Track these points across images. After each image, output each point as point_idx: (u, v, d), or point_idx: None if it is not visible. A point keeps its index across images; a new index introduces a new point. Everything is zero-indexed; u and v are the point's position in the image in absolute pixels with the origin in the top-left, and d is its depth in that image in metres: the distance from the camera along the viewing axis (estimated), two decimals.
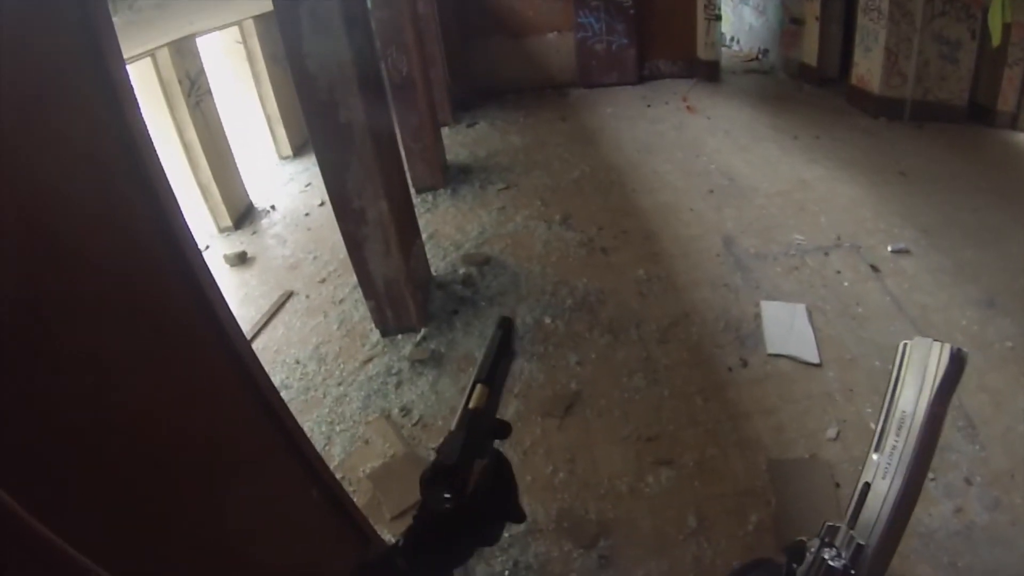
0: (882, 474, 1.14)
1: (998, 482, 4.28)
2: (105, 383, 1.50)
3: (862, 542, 1.10)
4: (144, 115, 1.84)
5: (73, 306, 1.46)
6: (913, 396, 1.16)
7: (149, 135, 1.84)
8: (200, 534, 1.75)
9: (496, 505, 1.09)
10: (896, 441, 1.15)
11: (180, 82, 8.34)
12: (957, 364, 1.16)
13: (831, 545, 1.12)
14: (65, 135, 1.57)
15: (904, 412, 1.16)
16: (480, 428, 1.07)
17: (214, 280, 2.09)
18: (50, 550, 1.14)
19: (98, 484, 1.41)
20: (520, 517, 1.13)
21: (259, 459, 2.25)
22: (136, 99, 1.82)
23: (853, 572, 1.09)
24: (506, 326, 1.16)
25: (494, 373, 1.11)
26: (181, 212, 1.94)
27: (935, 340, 1.19)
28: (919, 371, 1.18)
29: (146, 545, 1.52)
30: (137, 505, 1.52)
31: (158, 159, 1.88)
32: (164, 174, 1.88)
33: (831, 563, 1.10)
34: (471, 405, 1.06)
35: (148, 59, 7.85)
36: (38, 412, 1.26)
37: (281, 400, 2.48)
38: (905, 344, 1.19)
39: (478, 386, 1.07)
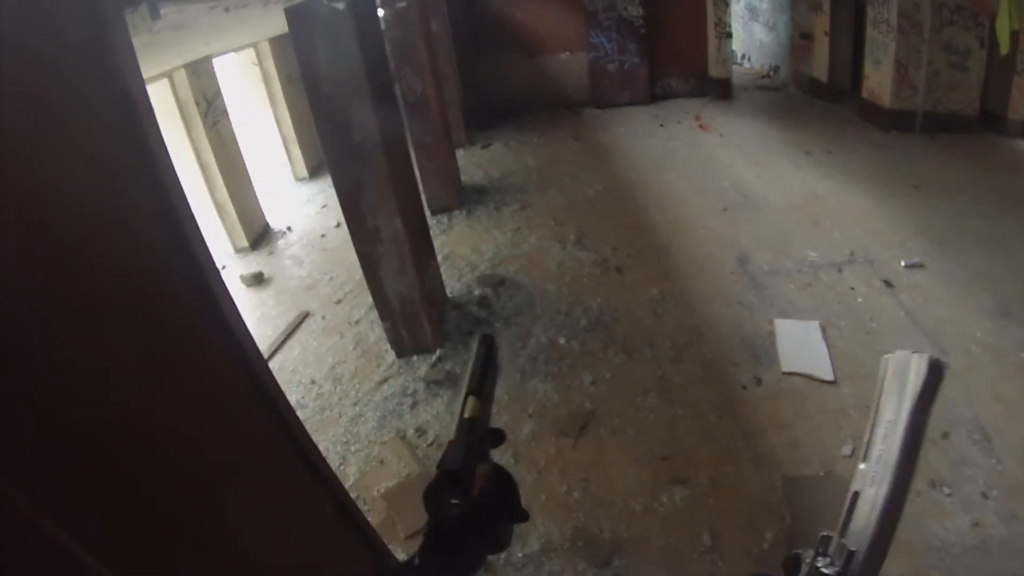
0: (870, 482, 1.18)
1: (1016, 495, 4.25)
2: (110, 387, 1.53)
3: (853, 548, 1.14)
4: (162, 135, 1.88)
5: (77, 310, 1.48)
6: (895, 406, 1.21)
7: (166, 147, 1.88)
8: (212, 543, 1.77)
9: (501, 506, 1.14)
10: (882, 449, 1.18)
11: (197, 103, 8.43)
12: (935, 373, 1.21)
13: (824, 554, 1.16)
14: (77, 146, 1.60)
15: (888, 422, 1.20)
16: (477, 436, 1.12)
17: (227, 290, 2.12)
18: (52, 548, 1.18)
19: (103, 487, 1.43)
20: (524, 516, 1.18)
21: (273, 474, 2.28)
22: (152, 110, 1.86)
23: None
24: (488, 343, 1.22)
25: (483, 385, 1.15)
26: (196, 223, 1.98)
27: (914, 352, 1.22)
28: (900, 382, 1.22)
29: (153, 551, 1.54)
30: (145, 510, 1.55)
31: (176, 174, 1.91)
32: (181, 188, 1.92)
33: (824, 570, 1.13)
34: (466, 415, 1.11)
35: (166, 80, 7.95)
36: (39, 413, 1.29)
37: (296, 417, 2.51)
38: (887, 357, 1.23)
39: (469, 398, 1.11)
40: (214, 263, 2.10)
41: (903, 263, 6.98)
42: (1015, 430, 4.74)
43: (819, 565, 1.18)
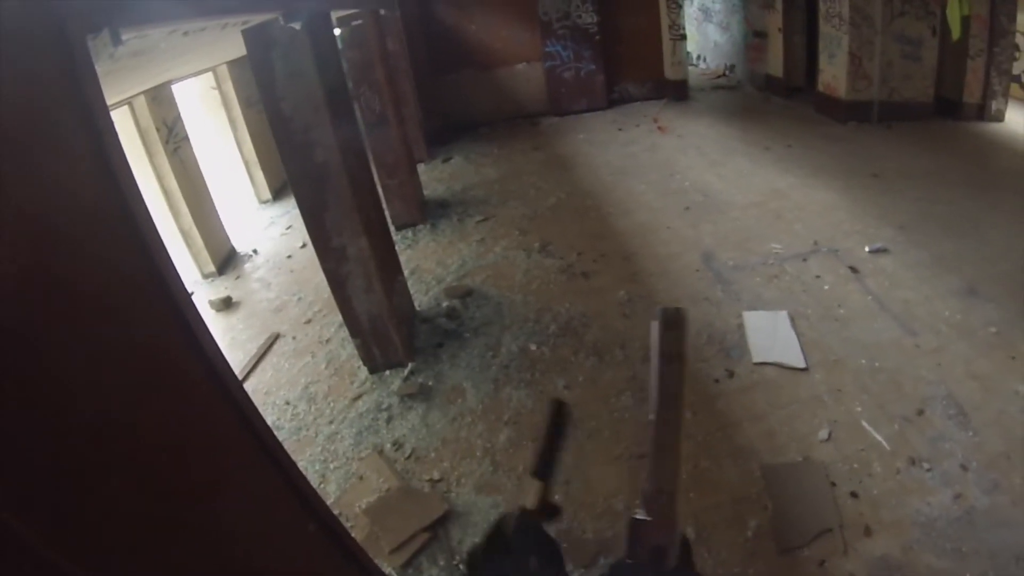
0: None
1: (995, 465, 4.34)
2: (85, 408, 1.53)
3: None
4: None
5: (58, 337, 1.49)
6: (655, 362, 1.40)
7: (133, 177, 1.89)
8: (193, 563, 1.76)
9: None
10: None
11: (158, 129, 8.36)
12: (663, 317, 1.42)
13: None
14: (48, 173, 1.61)
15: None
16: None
17: (198, 311, 2.13)
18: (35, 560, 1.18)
19: (83, 505, 1.44)
20: None
21: (253, 494, 2.27)
22: (119, 141, 1.87)
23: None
24: (559, 408, 1.27)
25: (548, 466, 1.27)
26: (165, 248, 1.99)
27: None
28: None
29: (133, 568, 1.54)
30: (126, 528, 1.55)
31: (141, 196, 1.92)
32: (148, 211, 1.93)
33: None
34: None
35: (125, 107, 7.88)
36: (30, 435, 1.29)
37: (274, 436, 2.50)
38: (654, 323, 1.43)
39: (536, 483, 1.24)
40: (184, 286, 2.10)
41: (867, 249, 7.11)
42: (991, 403, 4.85)
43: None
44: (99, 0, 2.10)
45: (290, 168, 5.27)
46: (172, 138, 8.71)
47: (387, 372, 6.23)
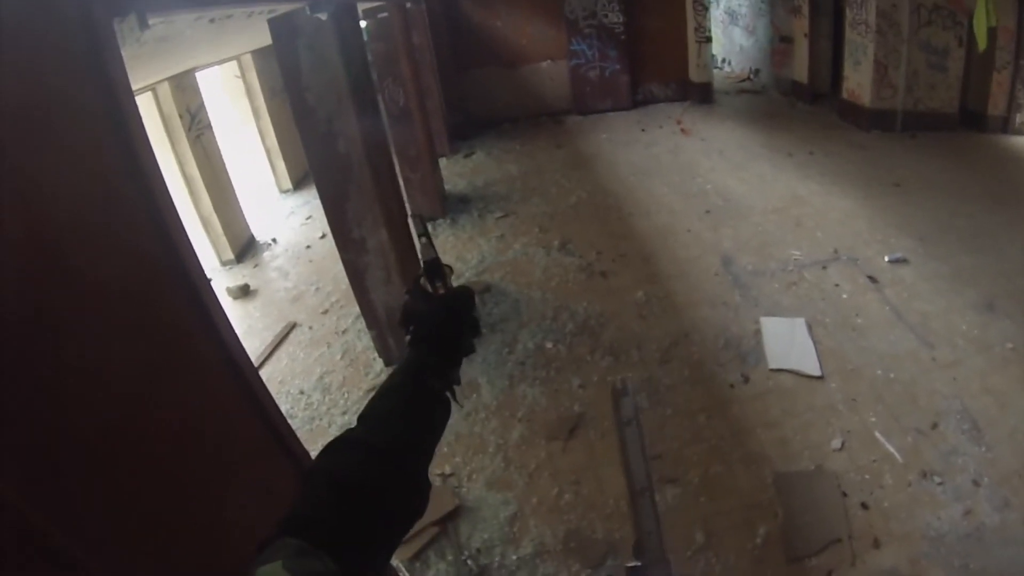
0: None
1: (1007, 482, 4.30)
2: (105, 391, 1.54)
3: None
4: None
5: (77, 320, 1.50)
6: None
7: (155, 158, 1.90)
8: (206, 545, 1.78)
9: (469, 302, 1.34)
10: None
11: (181, 116, 8.41)
12: (613, 390, 1.57)
13: None
14: (72, 156, 1.62)
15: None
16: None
17: (216, 298, 2.14)
18: (45, 545, 1.19)
19: (101, 489, 1.45)
20: (479, 328, 1.37)
21: (266, 479, 2.29)
22: (143, 125, 1.88)
23: None
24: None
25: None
26: (186, 234, 2.00)
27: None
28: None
29: (145, 552, 1.55)
30: (138, 510, 1.56)
31: (164, 181, 1.94)
32: (171, 199, 1.94)
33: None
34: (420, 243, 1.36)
35: (149, 93, 7.93)
36: (40, 417, 1.30)
37: (287, 423, 2.52)
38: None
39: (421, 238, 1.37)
40: (203, 272, 2.12)
41: (887, 258, 7.06)
42: (1005, 419, 4.81)
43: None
44: None
45: (312, 158, 5.29)
46: (195, 125, 8.76)
47: None
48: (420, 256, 1.37)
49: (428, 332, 1.29)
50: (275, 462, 2.43)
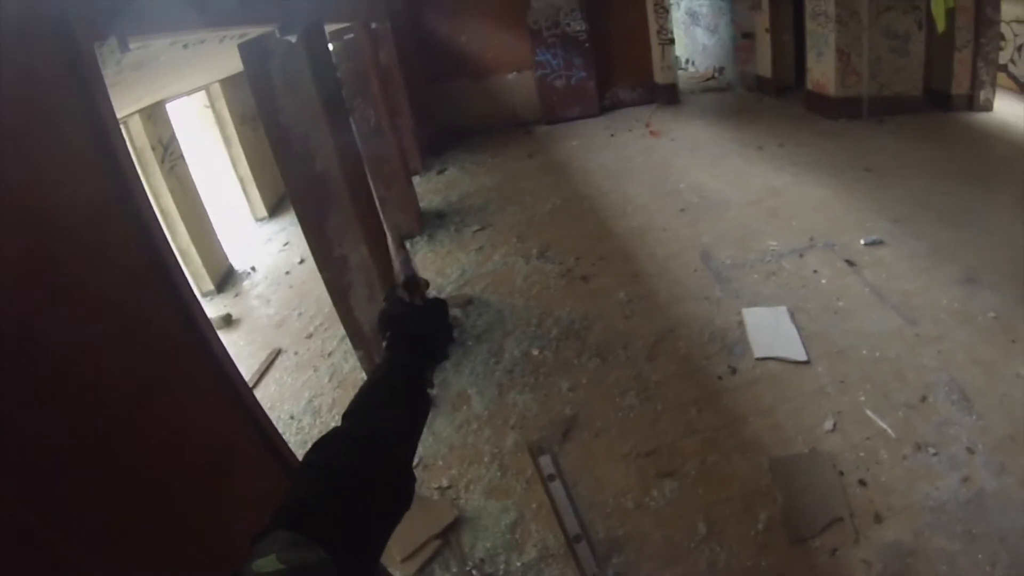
0: None
1: (1001, 447, 4.36)
2: (99, 404, 1.55)
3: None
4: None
5: (70, 337, 1.51)
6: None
7: (139, 178, 1.92)
8: (200, 559, 1.78)
9: (443, 313, 1.43)
10: None
11: (153, 148, 8.35)
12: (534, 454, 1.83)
13: None
14: (60, 177, 1.63)
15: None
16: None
17: (206, 314, 2.15)
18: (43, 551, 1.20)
19: (97, 505, 1.46)
20: (452, 335, 1.47)
21: (258, 487, 2.28)
22: (127, 149, 1.90)
23: None
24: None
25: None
26: (172, 251, 2.02)
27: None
28: None
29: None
30: (139, 533, 1.57)
31: (149, 201, 1.95)
32: (155, 215, 1.96)
33: None
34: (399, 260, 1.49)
35: (121, 126, 7.88)
36: (32, 431, 1.31)
37: (283, 440, 2.52)
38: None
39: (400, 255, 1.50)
40: (191, 288, 2.13)
41: (863, 242, 7.16)
42: (994, 387, 4.89)
43: None
44: (106, 7, 2.13)
45: (290, 178, 5.28)
46: (168, 157, 8.71)
47: None
48: (396, 269, 1.48)
49: (404, 335, 1.36)
50: (269, 471, 2.43)
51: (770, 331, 5.92)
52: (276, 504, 0.99)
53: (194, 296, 2.15)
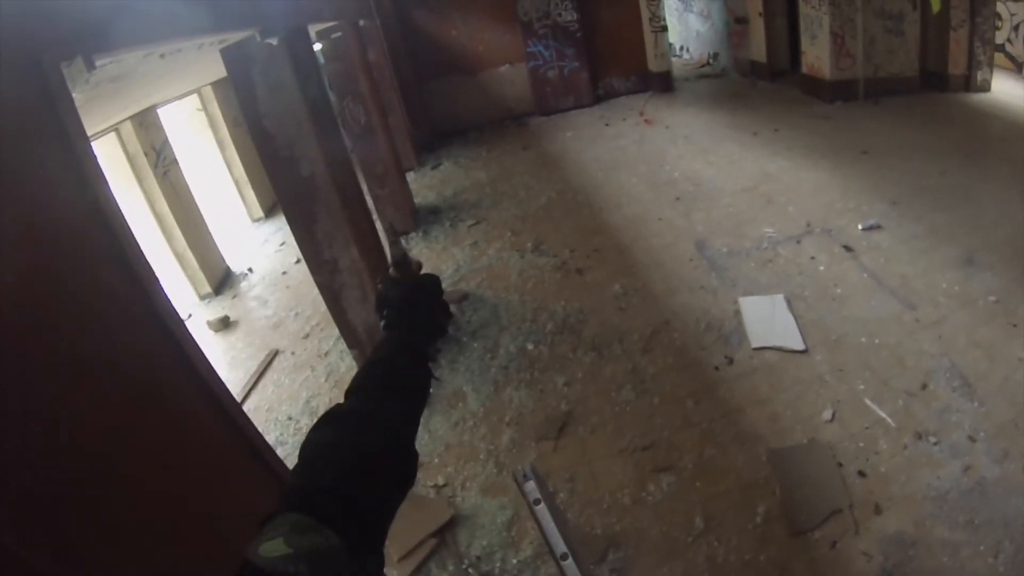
0: None
1: (1003, 433, 4.32)
2: (78, 432, 1.54)
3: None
4: (114, 189, 1.91)
5: (55, 366, 1.50)
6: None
7: (114, 197, 1.90)
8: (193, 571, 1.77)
9: (437, 290, 1.44)
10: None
11: (146, 154, 8.31)
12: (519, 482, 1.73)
13: None
14: (30, 202, 1.62)
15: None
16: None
17: (192, 336, 2.14)
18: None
19: (92, 526, 1.45)
20: (449, 313, 1.48)
21: (248, 497, 2.26)
22: (101, 169, 1.89)
23: None
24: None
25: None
26: (152, 269, 2.01)
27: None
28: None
29: None
30: (130, 554, 1.55)
31: (125, 220, 1.93)
32: (133, 234, 1.94)
33: None
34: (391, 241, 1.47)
35: (113, 134, 7.84)
36: (24, 456, 1.30)
37: (275, 453, 2.51)
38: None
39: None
40: (173, 307, 2.11)
41: (860, 226, 7.11)
42: (995, 371, 4.84)
43: None
44: (72, 27, 2.10)
45: (277, 183, 5.25)
46: (161, 162, 8.68)
47: None
48: (389, 254, 1.48)
49: (401, 313, 1.38)
50: (257, 480, 2.41)
51: (767, 320, 5.88)
52: (283, 484, 0.98)
53: (177, 316, 2.12)
